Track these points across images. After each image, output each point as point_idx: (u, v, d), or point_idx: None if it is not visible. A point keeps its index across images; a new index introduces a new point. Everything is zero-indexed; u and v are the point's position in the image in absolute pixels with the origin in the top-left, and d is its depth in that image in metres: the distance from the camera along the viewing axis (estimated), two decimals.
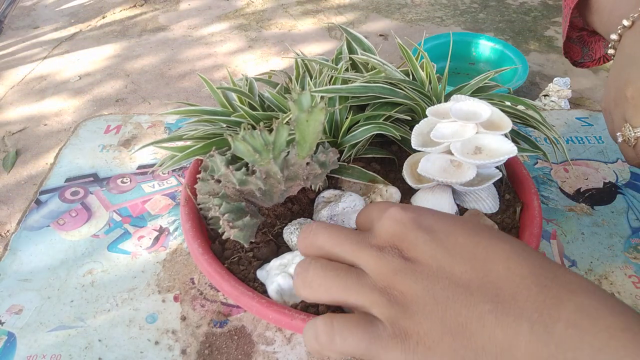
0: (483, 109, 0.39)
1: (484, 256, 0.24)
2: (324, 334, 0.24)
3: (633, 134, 0.39)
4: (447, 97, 0.46)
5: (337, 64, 0.50)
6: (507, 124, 0.39)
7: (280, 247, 0.41)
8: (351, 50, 0.51)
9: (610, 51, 0.44)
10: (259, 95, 0.49)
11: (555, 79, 1.87)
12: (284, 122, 0.40)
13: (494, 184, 0.42)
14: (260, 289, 0.37)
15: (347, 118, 0.44)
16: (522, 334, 0.21)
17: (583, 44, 0.55)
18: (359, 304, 0.25)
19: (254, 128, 0.35)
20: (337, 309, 0.34)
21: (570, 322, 0.21)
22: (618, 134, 0.41)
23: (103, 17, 2.68)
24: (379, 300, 0.24)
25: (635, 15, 0.41)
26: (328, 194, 0.43)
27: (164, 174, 0.60)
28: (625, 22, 0.41)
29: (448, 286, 0.23)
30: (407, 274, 0.24)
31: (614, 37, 0.43)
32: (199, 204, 0.42)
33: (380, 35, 2.40)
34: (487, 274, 0.23)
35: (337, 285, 0.25)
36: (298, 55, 0.52)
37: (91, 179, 0.59)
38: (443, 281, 0.24)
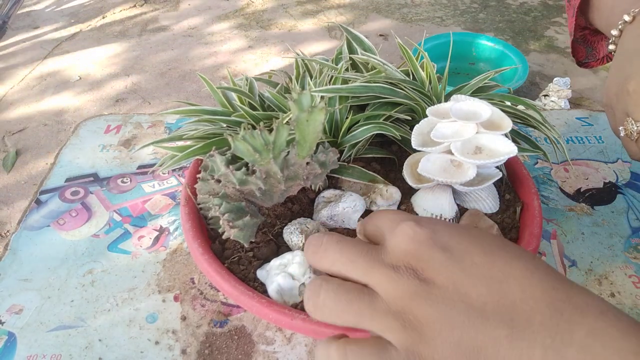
0: (483, 108, 0.39)
1: (500, 277, 0.24)
2: None
3: (635, 128, 0.39)
4: (447, 97, 0.46)
5: (337, 64, 0.49)
6: (508, 123, 0.39)
7: (280, 247, 0.41)
8: (351, 50, 0.51)
9: (611, 47, 0.44)
10: (259, 95, 0.49)
11: (555, 79, 1.87)
12: (284, 122, 0.40)
13: (494, 183, 0.42)
14: (260, 288, 0.37)
15: (347, 118, 0.44)
16: (535, 359, 0.21)
17: (586, 44, 0.55)
18: (372, 330, 0.25)
19: (254, 128, 0.35)
20: None
21: (582, 346, 0.21)
22: (620, 128, 0.41)
23: (103, 17, 2.68)
24: (393, 325, 0.24)
25: (637, 10, 0.41)
26: (328, 193, 0.43)
27: (164, 173, 0.60)
28: (627, 17, 0.41)
29: (464, 310, 0.23)
30: (423, 297, 0.24)
31: (614, 32, 0.43)
32: (199, 204, 0.42)
33: (380, 35, 2.40)
34: (503, 297, 0.23)
35: (349, 311, 0.25)
36: (298, 55, 0.52)
37: (91, 178, 0.59)
38: (459, 305, 0.23)
